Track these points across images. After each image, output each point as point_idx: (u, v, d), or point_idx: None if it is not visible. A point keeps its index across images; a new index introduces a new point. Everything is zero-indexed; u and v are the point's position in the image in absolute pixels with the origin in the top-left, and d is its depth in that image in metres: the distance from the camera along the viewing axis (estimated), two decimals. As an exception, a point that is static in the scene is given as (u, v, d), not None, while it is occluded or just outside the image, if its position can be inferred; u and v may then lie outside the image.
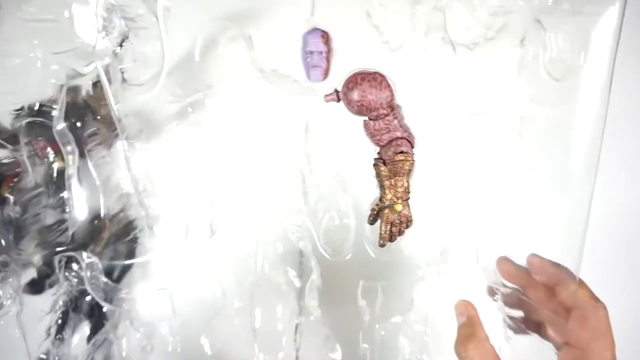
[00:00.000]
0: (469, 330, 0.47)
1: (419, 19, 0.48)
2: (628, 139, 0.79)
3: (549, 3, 0.56)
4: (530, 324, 0.54)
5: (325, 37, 0.41)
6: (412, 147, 0.44)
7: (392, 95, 0.41)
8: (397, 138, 0.42)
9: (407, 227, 0.48)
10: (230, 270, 0.69)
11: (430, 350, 0.65)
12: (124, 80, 0.78)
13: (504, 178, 0.64)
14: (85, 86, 0.74)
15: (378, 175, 0.46)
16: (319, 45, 0.42)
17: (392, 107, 0.41)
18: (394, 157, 0.42)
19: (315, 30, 0.42)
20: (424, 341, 0.65)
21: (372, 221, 0.49)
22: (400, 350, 0.65)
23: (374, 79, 0.41)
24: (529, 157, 0.64)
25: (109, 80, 0.75)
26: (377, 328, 0.63)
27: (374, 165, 0.46)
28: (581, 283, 0.53)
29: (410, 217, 0.48)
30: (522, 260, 0.57)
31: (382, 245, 0.47)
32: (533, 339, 0.54)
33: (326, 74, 0.42)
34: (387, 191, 0.44)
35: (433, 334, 0.65)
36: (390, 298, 0.65)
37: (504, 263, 0.54)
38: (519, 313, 0.55)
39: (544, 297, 0.52)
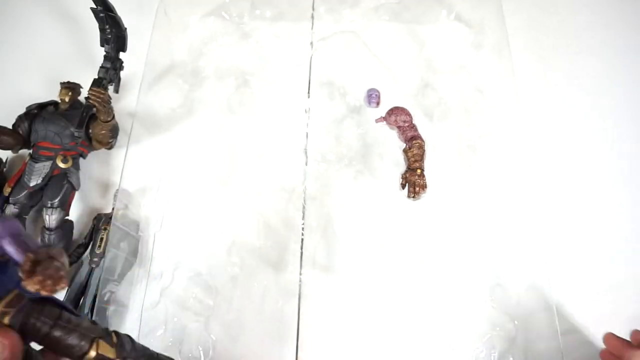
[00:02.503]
0: None
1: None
2: None
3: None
4: None
5: (377, 91, 0.80)
6: (422, 139, 0.75)
7: (410, 117, 0.77)
8: (414, 135, 0.75)
9: (423, 190, 0.71)
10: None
11: None
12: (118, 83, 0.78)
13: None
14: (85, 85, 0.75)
15: (406, 155, 0.74)
16: (375, 94, 0.80)
17: (411, 123, 0.77)
18: (413, 142, 0.74)
19: (373, 88, 0.80)
20: None
21: (402, 185, 0.73)
22: None
23: (402, 110, 0.77)
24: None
25: (109, 80, 0.76)
26: None
27: (404, 150, 0.75)
28: None
29: (425, 184, 0.72)
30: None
31: (412, 197, 0.71)
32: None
33: (378, 104, 0.80)
34: (410, 162, 0.73)
35: None
36: None
37: (610, 338, 0.63)
38: None
39: None
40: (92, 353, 0.36)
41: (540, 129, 0.78)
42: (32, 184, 0.68)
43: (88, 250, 0.68)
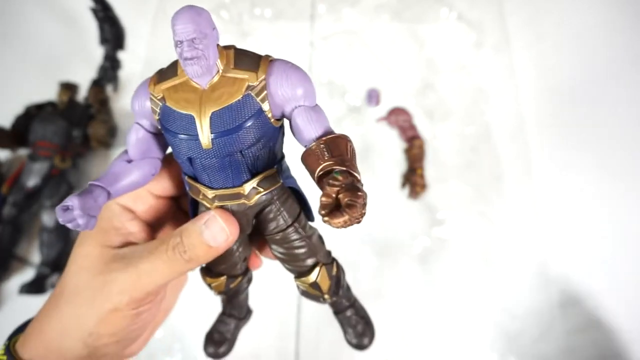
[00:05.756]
0: None
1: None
2: None
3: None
4: None
5: (378, 91, 0.80)
6: (422, 139, 0.75)
7: (410, 116, 0.77)
8: (415, 135, 0.76)
9: (423, 189, 0.71)
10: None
11: None
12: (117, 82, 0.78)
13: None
14: (85, 85, 0.74)
15: (406, 155, 0.75)
16: (375, 93, 0.79)
17: (411, 123, 0.77)
18: (413, 142, 0.74)
19: (374, 88, 0.80)
20: None
21: (403, 185, 0.73)
22: None
23: (402, 110, 0.78)
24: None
25: (108, 80, 0.75)
26: None
27: (405, 150, 0.75)
28: None
29: (425, 184, 0.72)
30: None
31: (413, 197, 0.72)
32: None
33: (378, 103, 0.80)
34: (411, 161, 0.73)
35: None
36: None
37: None
38: None
39: None
40: (311, 277, 0.31)
41: (540, 129, 0.78)
42: (30, 184, 0.67)
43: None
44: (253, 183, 0.27)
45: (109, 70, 0.75)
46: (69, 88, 0.74)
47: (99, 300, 0.27)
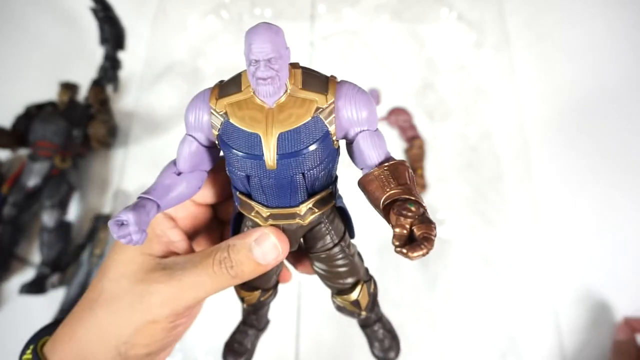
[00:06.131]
0: None
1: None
2: None
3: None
4: None
5: (378, 91, 0.80)
6: (422, 139, 0.76)
7: (410, 116, 0.78)
8: (415, 135, 0.76)
9: (423, 190, 0.72)
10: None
11: None
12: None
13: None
14: (85, 85, 0.74)
15: (407, 155, 0.76)
16: (375, 93, 0.80)
17: (411, 123, 0.77)
18: (413, 142, 0.75)
19: (374, 88, 0.81)
20: None
21: None
22: None
23: (402, 110, 0.78)
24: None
25: (108, 80, 0.75)
26: None
27: (405, 150, 0.76)
28: None
29: (425, 184, 0.73)
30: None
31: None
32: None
33: (378, 103, 0.80)
34: (411, 161, 0.74)
35: None
36: None
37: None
38: None
39: None
40: (353, 296, 0.31)
41: (540, 128, 0.78)
42: (30, 184, 0.67)
43: (87, 251, 0.68)
44: (309, 204, 0.27)
45: (109, 70, 0.75)
46: (69, 88, 0.74)
47: (138, 310, 0.26)
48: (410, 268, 0.68)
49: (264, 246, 0.27)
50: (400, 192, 0.23)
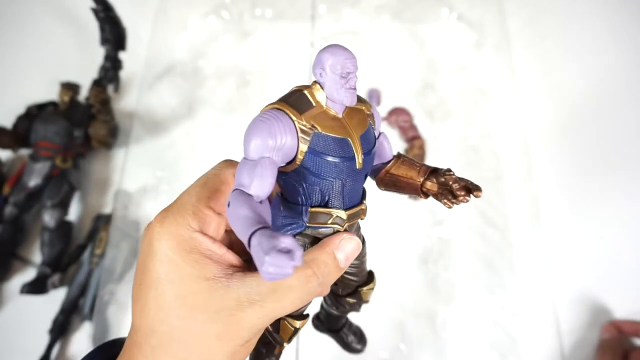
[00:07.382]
0: None
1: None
2: None
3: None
4: None
5: (378, 91, 0.81)
6: (422, 139, 0.76)
7: (410, 117, 0.77)
8: (415, 135, 0.76)
9: None
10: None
11: None
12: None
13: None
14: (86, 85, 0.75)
15: (408, 155, 0.77)
16: (375, 93, 0.80)
17: (411, 123, 0.77)
18: (414, 142, 0.75)
19: (374, 88, 0.81)
20: None
21: None
22: None
23: (402, 110, 0.77)
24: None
25: (109, 80, 0.76)
26: None
27: (406, 150, 0.76)
28: None
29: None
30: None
31: (414, 197, 0.72)
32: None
33: (378, 103, 0.80)
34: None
35: None
36: None
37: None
38: None
39: None
40: (374, 283, 0.36)
41: (540, 128, 0.78)
42: (31, 184, 0.67)
43: (88, 251, 0.68)
44: (365, 199, 0.31)
45: (110, 70, 0.75)
46: (70, 88, 0.74)
47: (225, 339, 0.25)
48: (411, 268, 0.68)
49: (346, 249, 0.28)
50: (427, 167, 0.32)
